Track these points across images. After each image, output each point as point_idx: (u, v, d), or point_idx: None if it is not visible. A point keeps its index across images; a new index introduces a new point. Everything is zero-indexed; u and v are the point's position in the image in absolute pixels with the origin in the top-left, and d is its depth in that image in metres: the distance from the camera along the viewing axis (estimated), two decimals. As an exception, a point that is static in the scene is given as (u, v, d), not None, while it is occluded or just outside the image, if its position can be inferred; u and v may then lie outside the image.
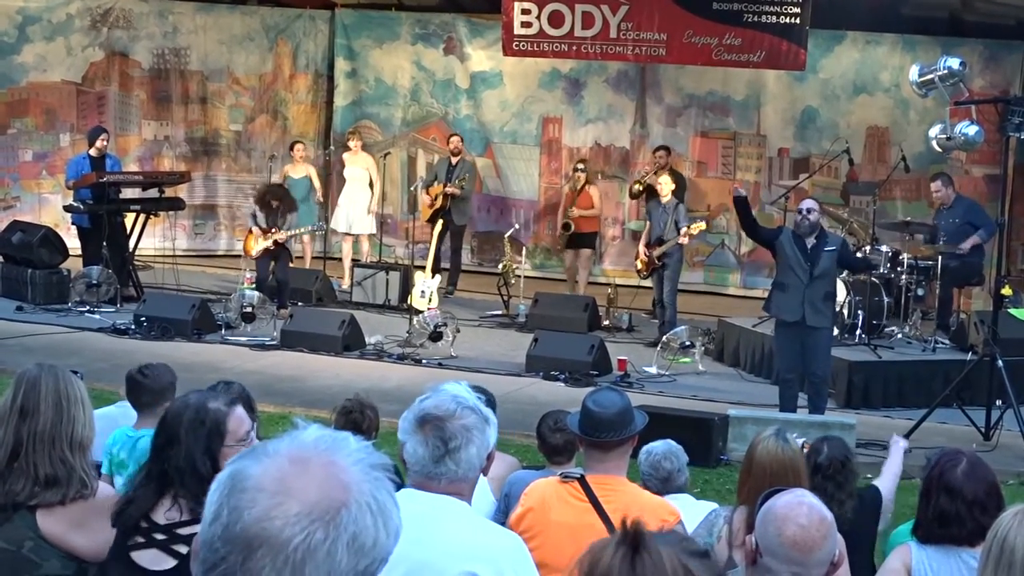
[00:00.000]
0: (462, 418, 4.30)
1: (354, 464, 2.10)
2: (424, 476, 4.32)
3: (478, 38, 23.11)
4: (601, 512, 5.68)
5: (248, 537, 2.02)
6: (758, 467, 5.73)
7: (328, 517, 2.03)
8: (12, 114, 22.86)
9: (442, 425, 4.27)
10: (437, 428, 4.27)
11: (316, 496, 2.04)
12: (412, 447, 4.32)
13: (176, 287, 19.38)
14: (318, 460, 2.09)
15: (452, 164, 20.63)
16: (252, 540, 2.02)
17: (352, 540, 2.04)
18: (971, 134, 15.20)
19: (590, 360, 15.79)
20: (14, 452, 4.90)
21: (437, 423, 4.28)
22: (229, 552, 2.04)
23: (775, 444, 5.76)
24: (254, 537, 2.02)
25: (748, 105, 21.94)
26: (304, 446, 2.11)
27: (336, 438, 2.15)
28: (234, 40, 23.96)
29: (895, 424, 13.87)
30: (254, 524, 2.02)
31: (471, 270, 22.72)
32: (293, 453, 2.10)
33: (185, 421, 4.79)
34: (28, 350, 15.23)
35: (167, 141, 23.81)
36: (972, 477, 5.51)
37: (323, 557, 2.02)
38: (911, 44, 20.54)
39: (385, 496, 2.11)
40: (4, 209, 22.68)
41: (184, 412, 4.83)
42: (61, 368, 5.16)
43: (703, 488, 11.11)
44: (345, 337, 16.69)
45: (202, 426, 4.79)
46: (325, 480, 2.06)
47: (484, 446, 4.34)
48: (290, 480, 2.05)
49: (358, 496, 2.07)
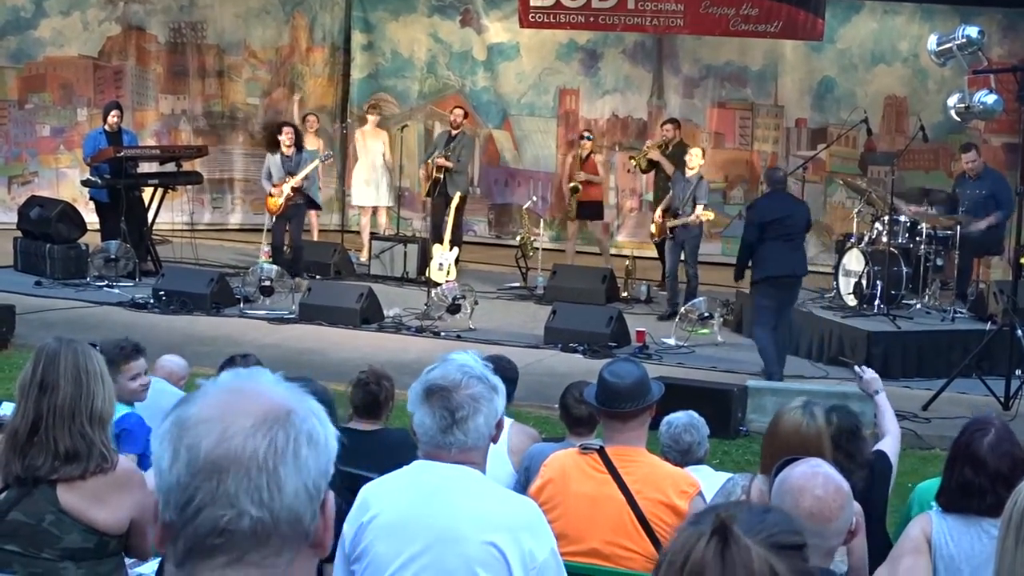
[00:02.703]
0: (468, 388, 4.32)
1: (279, 385, 2.18)
2: (434, 446, 4.34)
3: (495, 10, 23.05)
4: (621, 483, 5.69)
5: (214, 462, 2.07)
6: (780, 438, 5.70)
7: (281, 420, 2.09)
8: (29, 89, 22.87)
9: (448, 395, 4.29)
10: (443, 399, 4.30)
11: (263, 409, 2.11)
12: (420, 418, 4.35)
13: (194, 261, 19.39)
14: (247, 386, 2.16)
15: (452, 136, 20.29)
16: (219, 463, 2.07)
17: (309, 437, 2.11)
18: (990, 103, 15.14)
19: (608, 332, 15.78)
20: (34, 427, 4.92)
21: (443, 393, 4.30)
22: (201, 482, 2.07)
23: (800, 417, 5.72)
24: (220, 459, 2.07)
25: (765, 75, 21.88)
26: (227, 381, 2.19)
27: (252, 370, 2.24)
28: (250, 13, 23.93)
29: (915, 395, 13.87)
30: (215, 448, 2.07)
31: (488, 242, 22.73)
32: (221, 388, 2.17)
33: None
34: (47, 325, 15.25)
35: (184, 115, 23.81)
36: (998, 450, 5.48)
37: (291, 458, 2.09)
38: (929, 13, 20.44)
39: (316, 404, 2.19)
40: (22, 184, 22.72)
41: None
42: (80, 342, 5.17)
43: (722, 459, 11.11)
44: (363, 310, 16.69)
45: None
46: (262, 396, 2.14)
47: (492, 414, 4.35)
48: (231, 405, 2.12)
49: (296, 402, 2.14)
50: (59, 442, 4.90)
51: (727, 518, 2.33)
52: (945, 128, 19.49)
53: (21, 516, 4.91)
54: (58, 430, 4.90)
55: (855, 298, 15.99)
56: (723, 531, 2.32)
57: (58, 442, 4.90)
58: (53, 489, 4.91)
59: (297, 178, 18.53)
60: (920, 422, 12.91)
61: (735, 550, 2.31)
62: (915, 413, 13.14)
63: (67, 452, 4.90)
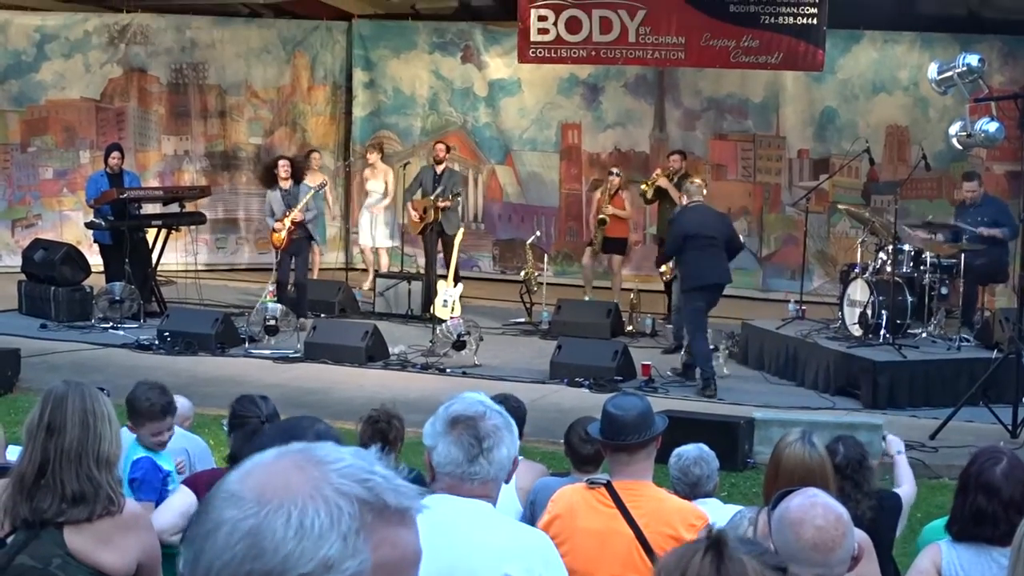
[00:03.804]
0: (491, 419, 4.36)
1: (294, 468, 1.97)
2: (457, 478, 4.33)
3: (495, 46, 23.12)
4: (628, 518, 5.67)
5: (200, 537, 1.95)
6: (784, 471, 5.69)
7: None
8: (32, 132, 22.94)
9: (475, 424, 4.31)
10: (470, 427, 4.31)
11: None
12: (444, 448, 4.34)
13: (199, 301, 19.40)
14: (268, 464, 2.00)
15: (437, 173, 20.04)
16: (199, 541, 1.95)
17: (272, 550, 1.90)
18: (991, 131, 15.13)
19: (614, 366, 15.76)
20: (41, 469, 4.90)
21: (469, 423, 4.32)
22: None
23: (801, 448, 5.72)
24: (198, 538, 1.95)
25: (767, 107, 21.92)
26: (259, 461, 2.01)
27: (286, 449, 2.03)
28: (251, 53, 24.02)
29: (922, 424, 13.84)
30: (198, 528, 1.95)
31: (493, 278, 22.74)
32: (246, 468, 1.99)
33: None
34: (53, 368, 15.25)
35: (187, 156, 23.88)
36: (1011, 478, 5.47)
37: None
38: (929, 42, 20.49)
39: (326, 487, 1.94)
40: (26, 227, 22.77)
41: None
42: (87, 385, 5.15)
43: (730, 492, 11.08)
44: (368, 348, 16.69)
45: None
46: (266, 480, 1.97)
47: (512, 447, 4.39)
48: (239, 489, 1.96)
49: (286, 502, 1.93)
50: (66, 484, 4.88)
51: (720, 533, 2.36)
52: (947, 156, 19.52)
53: (28, 560, 4.90)
54: (65, 472, 4.89)
55: (860, 328, 15.97)
56: (718, 545, 2.35)
57: (65, 484, 4.88)
58: (60, 532, 4.89)
59: (296, 209, 18.53)
60: (928, 451, 12.87)
61: (730, 564, 2.33)
62: (923, 443, 13.10)
63: (74, 495, 4.89)
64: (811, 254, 20.34)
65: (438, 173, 20.04)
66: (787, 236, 21.88)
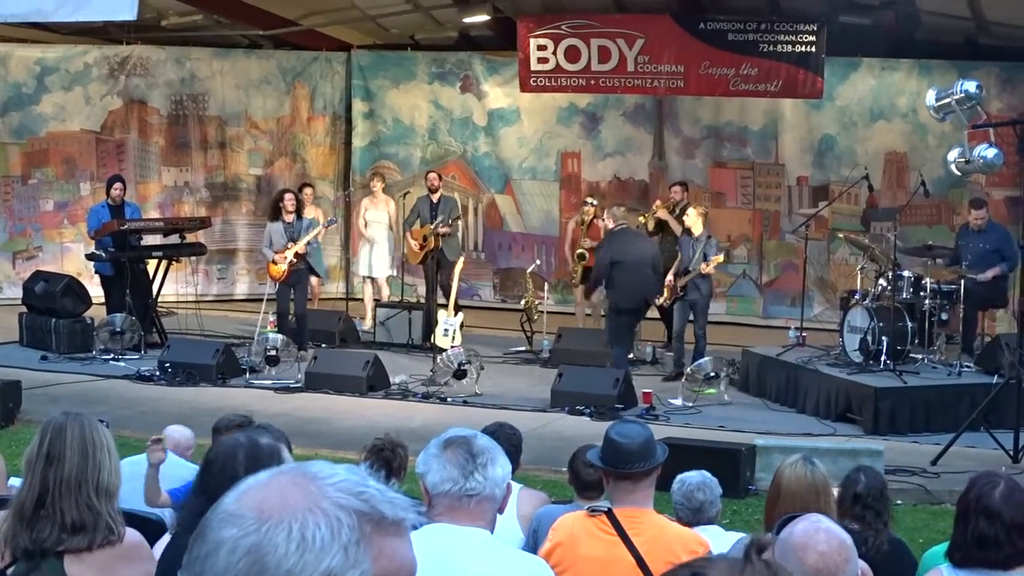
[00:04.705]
0: (483, 440, 4.45)
1: (290, 488, 1.97)
2: (454, 497, 4.35)
3: (494, 75, 23.17)
4: (630, 545, 5.66)
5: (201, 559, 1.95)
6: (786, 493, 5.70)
7: None
8: (32, 164, 22.96)
9: (468, 442, 4.42)
10: (464, 445, 4.41)
11: None
12: (439, 467, 4.37)
13: (200, 332, 19.40)
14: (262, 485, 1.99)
15: (434, 202, 20.09)
16: None
17: None
18: (990, 157, 15.15)
19: (615, 394, 15.74)
20: (40, 499, 4.90)
21: (462, 441, 4.42)
22: None
23: (803, 469, 5.73)
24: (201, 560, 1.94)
25: (766, 134, 21.96)
26: (255, 481, 2.00)
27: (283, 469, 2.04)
28: (251, 84, 24.07)
29: (923, 450, 13.83)
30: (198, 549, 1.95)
31: (493, 307, 22.75)
32: (241, 489, 1.98)
33: (242, 458, 4.71)
34: (53, 399, 15.24)
35: (187, 187, 23.90)
36: (1011, 500, 5.46)
37: None
38: (927, 69, 20.54)
39: (326, 501, 1.95)
40: (27, 259, 22.77)
41: (238, 450, 4.76)
42: (87, 415, 5.16)
43: (732, 519, 11.07)
44: (369, 378, 16.67)
45: (258, 462, 4.74)
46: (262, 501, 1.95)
47: (506, 468, 4.43)
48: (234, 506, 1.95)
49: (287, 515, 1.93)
50: (66, 513, 4.88)
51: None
52: (946, 183, 19.56)
53: (29, 589, 4.90)
54: (65, 502, 4.89)
55: (861, 354, 15.96)
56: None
57: (65, 513, 4.88)
58: (60, 561, 4.89)
59: (300, 243, 18.55)
60: (929, 477, 12.85)
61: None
62: (924, 468, 13.09)
63: (74, 524, 4.89)
64: (811, 281, 20.36)
65: (434, 202, 20.07)
66: (787, 263, 21.90)
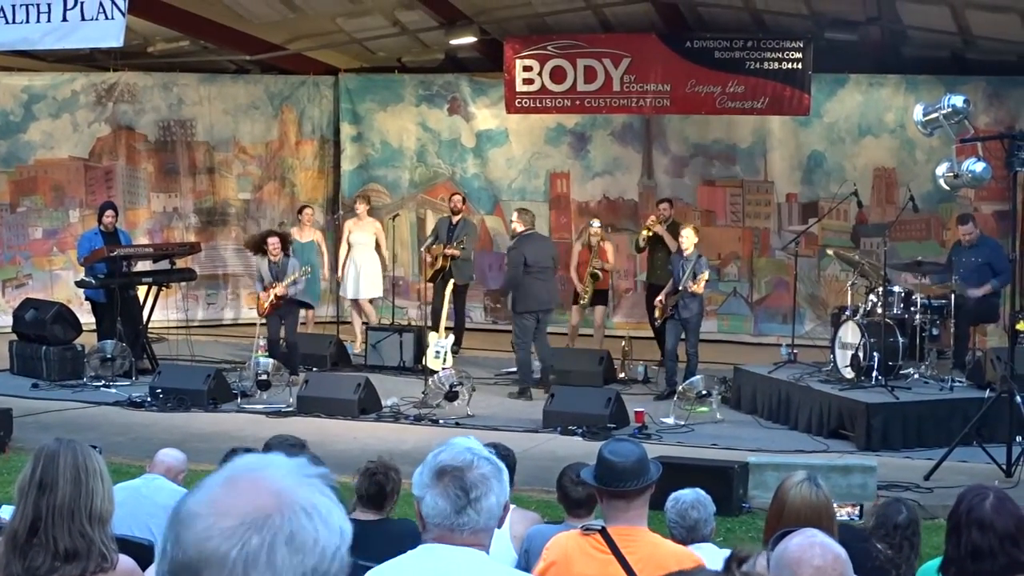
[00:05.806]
0: (479, 468, 4.27)
1: (284, 475, 2.13)
2: (446, 529, 4.29)
3: (482, 97, 23.18)
4: (624, 563, 5.65)
5: (191, 561, 2.05)
6: (790, 512, 5.68)
7: (260, 523, 2.05)
8: (21, 192, 22.95)
9: (461, 475, 4.25)
10: (456, 479, 4.25)
11: (247, 508, 2.06)
12: (432, 500, 4.30)
13: (190, 358, 19.40)
14: (246, 477, 2.13)
15: (453, 224, 20.47)
16: (195, 563, 2.05)
17: (290, 539, 2.05)
18: (978, 171, 15.14)
19: (607, 413, 15.73)
20: (33, 526, 4.88)
21: (456, 474, 4.25)
22: None
23: (808, 490, 5.72)
24: (196, 560, 2.05)
25: (754, 152, 21.98)
26: (234, 468, 2.15)
27: (265, 457, 2.19)
28: (239, 109, 24.07)
29: (916, 465, 13.83)
30: (193, 548, 2.05)
31: (484, 328, 22.73)
32: (223, 477, 2.14)
33: None
34: (45, 427, 15.21)
35: (176, 213, 23.89)
36: (1002, 511, 5.46)
37: (264, 562, 2.03)
38: (914, 84, 20.57)
39: (320, 497, 2.13)
40: (16, 287, 22.75)
41: None
42: (79, 442, 5.14)
43: (726, 536, 11.04)
44: (361, 400, 16.65)
45: None
46: (253, 492, 2.09)
47: (502, 495, 4.33)
48: (221, 500, 2.08)
49: (288, 500, 2.09)
50: (59, 541, 4.86)
51: None
52: (935, 197, 19.58)
53: (23, 618, 4.88)
54: (57, 529, 4.87)
55: (852, 370, 15.96)
56: None
57: (57, 541, 4.86)
58: (53, 590, 4.88)
59: (281, 286, 18.54)
60: (923, 492, 12.83)
61: None
62: (917, 483, 13.07)
63: (67, 551, 4.87)
64: (802, 297, 20.38)
65: (453, 223, 20.43)
66: (777, 280, 21.91)
